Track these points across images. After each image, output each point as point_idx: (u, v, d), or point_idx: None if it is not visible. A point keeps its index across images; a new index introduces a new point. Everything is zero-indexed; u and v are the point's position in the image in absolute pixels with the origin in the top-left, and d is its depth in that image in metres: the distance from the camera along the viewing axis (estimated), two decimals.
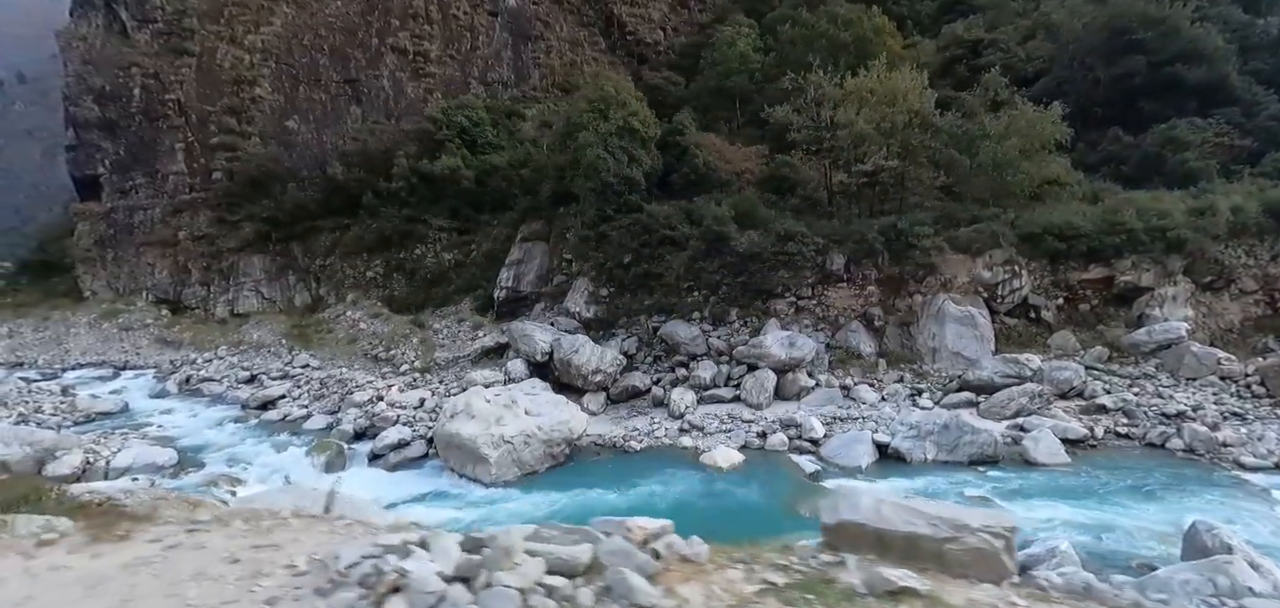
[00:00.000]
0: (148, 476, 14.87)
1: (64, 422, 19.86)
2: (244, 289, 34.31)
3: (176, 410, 21.46)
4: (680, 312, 21.20)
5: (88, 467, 14.68)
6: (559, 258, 26.88)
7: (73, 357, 29.64)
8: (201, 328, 31.88)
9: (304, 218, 36.22)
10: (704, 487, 13.01)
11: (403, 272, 33.06)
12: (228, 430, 18.88)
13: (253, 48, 40.12)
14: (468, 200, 33.55)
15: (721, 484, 12.92)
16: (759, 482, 12.89)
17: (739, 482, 13.04)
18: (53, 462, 14.80)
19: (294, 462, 15.98)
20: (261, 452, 16.50)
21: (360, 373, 22.66)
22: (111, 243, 36.02)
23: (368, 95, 42.39)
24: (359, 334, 28.42)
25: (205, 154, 37.58)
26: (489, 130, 37.25)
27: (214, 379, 25.47)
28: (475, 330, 24.37)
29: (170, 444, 16.40)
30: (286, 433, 18.20)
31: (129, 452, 15.39)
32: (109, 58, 38.32)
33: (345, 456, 16.36)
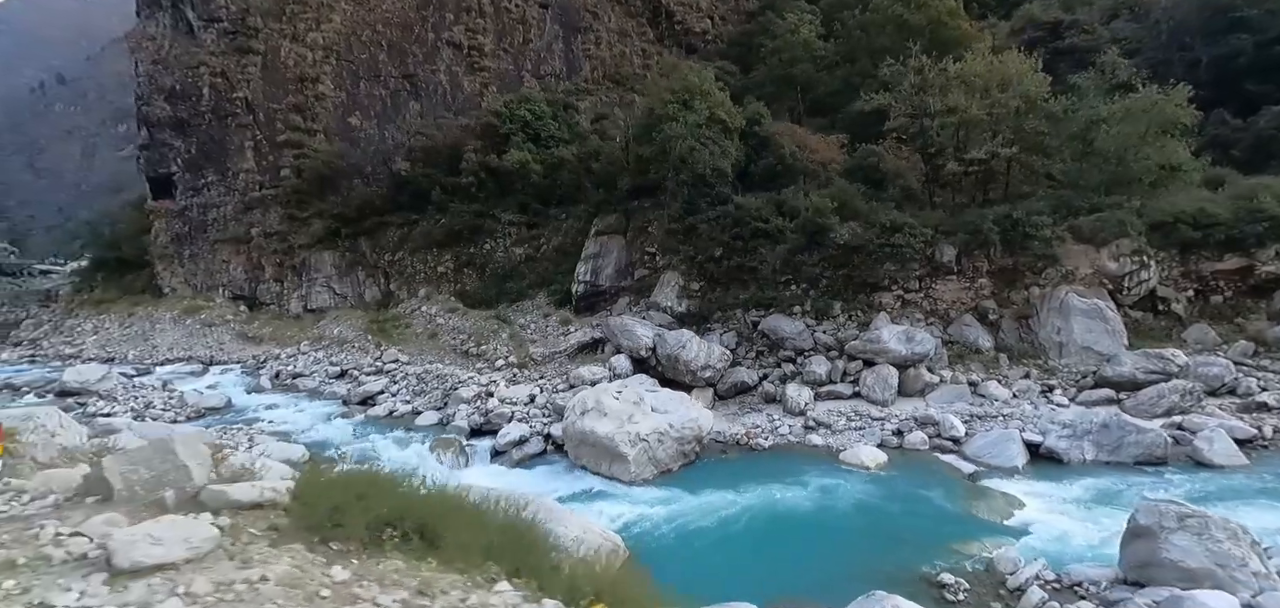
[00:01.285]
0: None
1: (177, 417, 20.31)
2: (316, 285, 34.80)
3: (280, 406, 21.80)
4: (779, 306, 20.92)
5: None
6: (640, 252, 26.75)
7: (161, 352, 30.35)
8: (280, 324, 32.43)
9: (371, 214, 36.60)
10: (854, 488, 12.77)
11: (473, 267, 33.23)
12: (339, 426, 19.11)
13: (314, 45, 40.49)
14: (536, 195, 33.55)
15: (872, 485, 12.67)
16: (915, 483, 12.61)
17: (892, 483, 12.78)
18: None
19: (419, 458, 16.03)
20: (386, 447, 16.62)
21: (454, 368, 22.80)
22: (187, 240, 36.80)
23: (426, 90, 42.60)
24: (439, 330, 28.63)
25: (273, 151, 38.10)
26: (551, 123, 37.20)
27: (304, 374, 25.90)
28: (563, 326, 24.35)
29: (297, 441, 16.57)
30: (400, 429, 18.37)
31: (260, 448, 15.59)
32: (178, 58, 38.98)
33: (467, 452, 16.47)
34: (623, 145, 29.39)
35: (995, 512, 10.92)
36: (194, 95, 38.17)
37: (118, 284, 38.55)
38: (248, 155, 37.95)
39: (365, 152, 39.03)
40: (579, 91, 46.22)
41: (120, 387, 24.13)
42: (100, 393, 23.01)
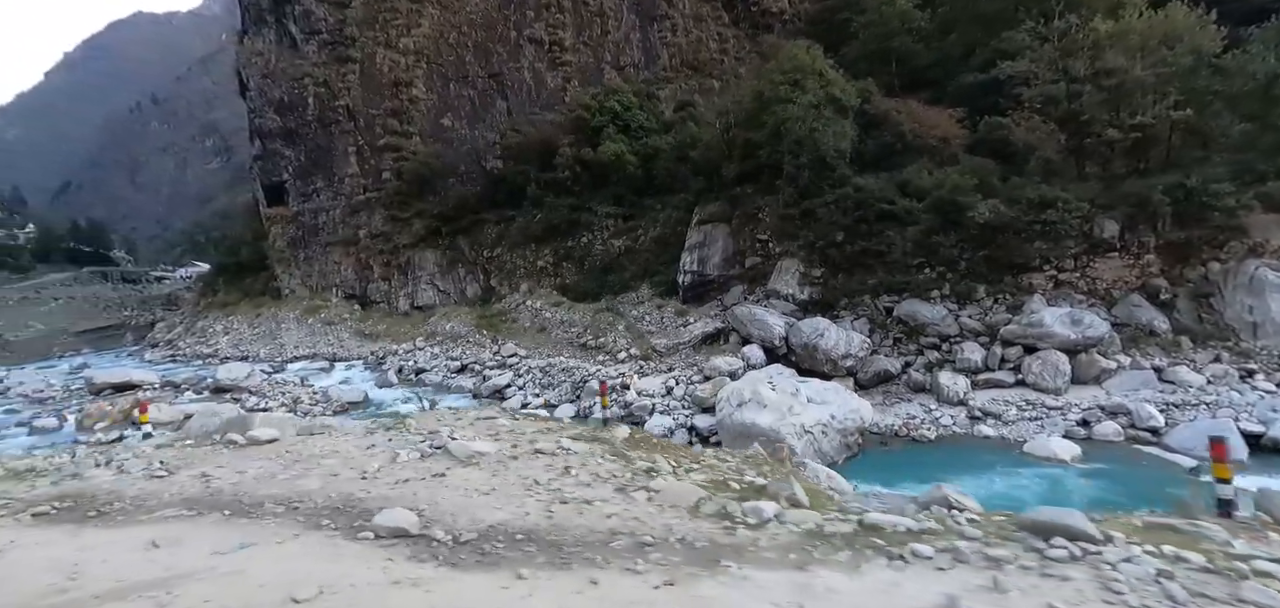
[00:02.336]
0: None
1: (324, 412, 21.34)
2: (421, 283, 36.05)
3: (413, 400, 22.63)
4: (914, 290, 20.05)
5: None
6: (749, 239, 26.25)
7: (288, 350, 32.17)
8: (392, 321, 33.78)
9: (468, 212, 37.64)
10: (1052, 483, 12.02)
11: (572, 260, 33.61)
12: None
13: (406, 50, 41.79)
14: (631, 186, 33.60)
15: (1082, 480, 11.87)
16: (1125, 479, 11.74)
17: (1097, 477, 11.94)
18: None
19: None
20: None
21: (576, 362, 23.06)
22: (301, 244, 38.86)
23: (511, 88, 43.26)
24: (547, 323, 29.08)
25: (375, 156, 39.64)
26: (639, 114, 37.13)
27: (427, 369, 26.88)
28: (680, 317, 24.22)
29: None
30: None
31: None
32: (284, 70, 41.03)
33: None
34: (724, 131, 28.87)
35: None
36: (300, 106, 40.10)
37: (238, 287, 41.13)
38: (351, 160, 39.61)
39: (458, 151, 40.06)
40: (659, 80, 45.90)
41: (264, 383, 25.75)
42: (249, 389, 24.59)
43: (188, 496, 5.68)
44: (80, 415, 21.13)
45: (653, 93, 42.44)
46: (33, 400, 26.20)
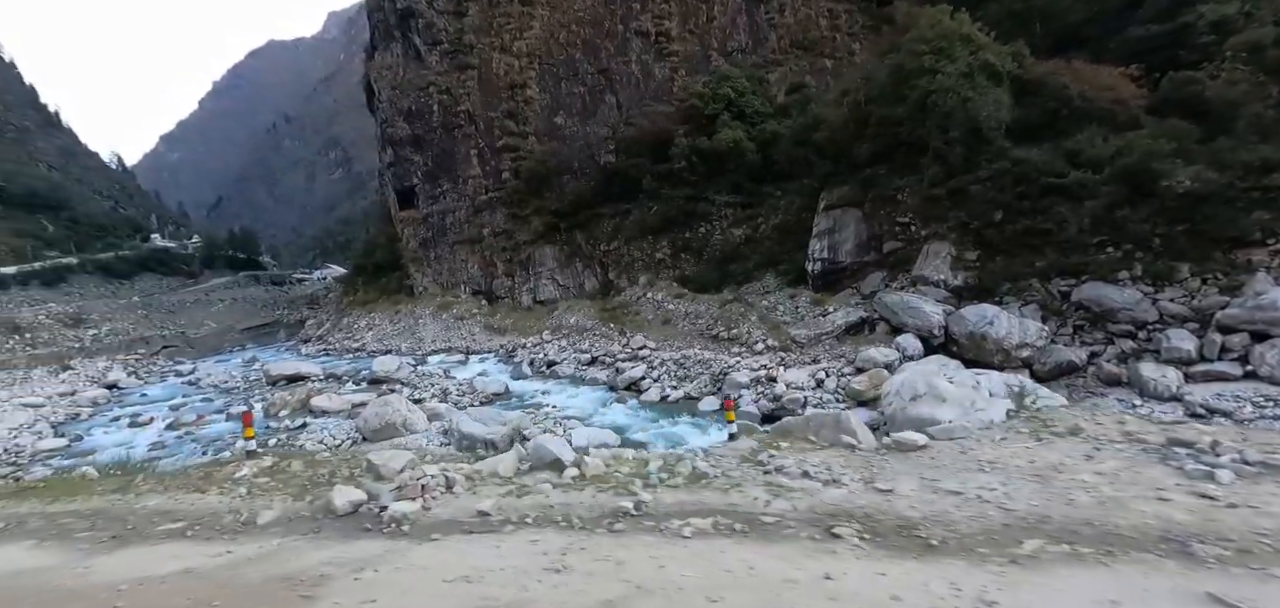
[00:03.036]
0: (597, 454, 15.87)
1: (474, 402, 22.42)
2: (541, 278, 37.17)
3: (552, 392, 23.23)
4: (1095, 271, 17.98)
5: None
6: (887, 223, 24.75)
7: (426, 344, 34.26)
8: (519, 315, 35.09)
9: (583, 207, 38.33)
10: None
11: (690, 251, 33.35)
12: (621, 411, 19.77)
13: (520, 53, 43.15)
14: (749, 173, 32.82)
15: None
16: None
17: None
18: (526, 442, 16.40)
19: (716, 442, 16.03)
20: (685, 433, 16.77)
21: (710, 353, 22.75)
22: (431, 244, 41.33)
23: (620, 82, 43.55)
24: (671, 315, 29.01)
25: (494, 157, 41.32)
26: (754, 99, 36.15)
27: (558, 362, 27.61)
28: (816, 306, 23.27)
29: (591, 423, 17.30)
30: (685, 415, 18.54)
31: (583, 433, 16.46)
32: (411, 81, 43.65)
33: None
34: (853, 110, 27.38)
35: None
36: (426, 113, 42.51)
37: (376, 285, 44.43)
38: (474, 162, 41.51)
39: (572, 148, 40.87)
40: (768, 64, 44.53)
41: (412, 375, 27.55)
42: (401, 380, 26.41)
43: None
44: (267, 404, 23.52)
45: (762, 77, 41.24)
46: (222, 389, 29.61)
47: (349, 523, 5.69)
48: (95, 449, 20.95)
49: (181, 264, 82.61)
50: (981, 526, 4.96)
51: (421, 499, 5.98)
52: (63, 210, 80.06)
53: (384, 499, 5.99)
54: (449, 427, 17.33)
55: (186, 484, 7.33)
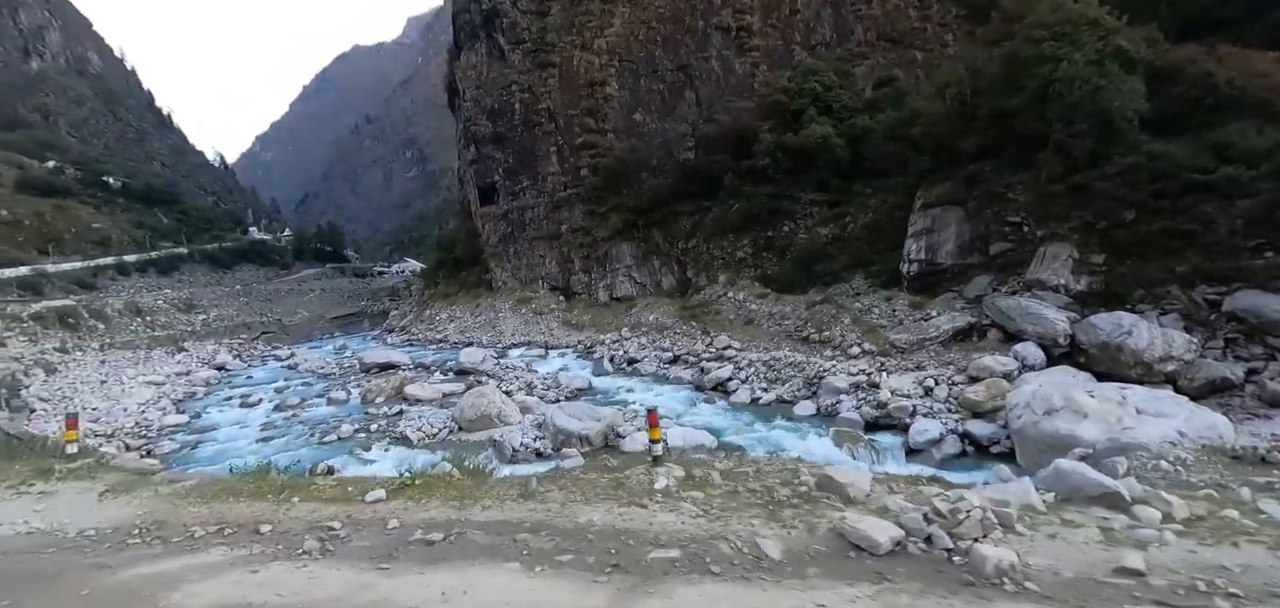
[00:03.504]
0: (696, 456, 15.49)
1: (558, 397, 22.52)
2: (619, 275, 37.18)
3: (635, 390, 23.03)
4: (1251, 278, 16.07)
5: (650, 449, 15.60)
6: (995, 222, 23.15)
7: (506, 338, 34.92)
8: (595, 312, 35.24)
9: (662, 204, 38.08)
10: None
11: (773, 250, 32.49)
12: (711, 412, 19.33)
13: (600, 51, 43.37)
14: (837, 170, 31.65)
15: None
16: None
17: None
18: (619, 439, 16.27)
19: (825, 452, 15.30)
20: (783, 437, 16.13)
21: (801, 355, 21.96)
22: (511, 239, 42.23)
23: (700, 78, 43.08)
24: (753, 315, 28.31)
25: (573, 154, 41.72)
26: (842, 93, 34.86)
27: (638, 359, 27.46)
28: (916, 309, 22.03)
29: (701, 427, 16.90)
30: (779, 418, 17.88)
31: (677, 432, 16.13)
32: (494, 80, 44.70)
33: (876, 448, 15.23)
34: (956, 102, 25.81)
35: None
36: (509, 112, 43.42)
37: (456, 279, 45.81)
38: (553, 160, 42.06)
39: (651, 145, 40.74)
40: (853, 57, 42.94)
41: (496, 367, 28.07)
42: (487, 372, 26.94)
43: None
44: (364, 391, 24.53)
45: (848, 71, 39.78)
46: (319, 374, 31.19)
47: (912, 567, 4.47)
48: (214, 426, 22.44)
49: (276, 256, 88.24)
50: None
51: (1003, 543, 4.72)
52: (175, 204, 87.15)
53: (939, 537, 4.74)
54: (543, 421, 17.41)
55: (601, 492, 6.30)
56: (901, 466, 14.76)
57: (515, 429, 17.56)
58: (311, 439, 19.26)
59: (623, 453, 15.76)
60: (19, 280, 45.95)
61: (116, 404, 24.91)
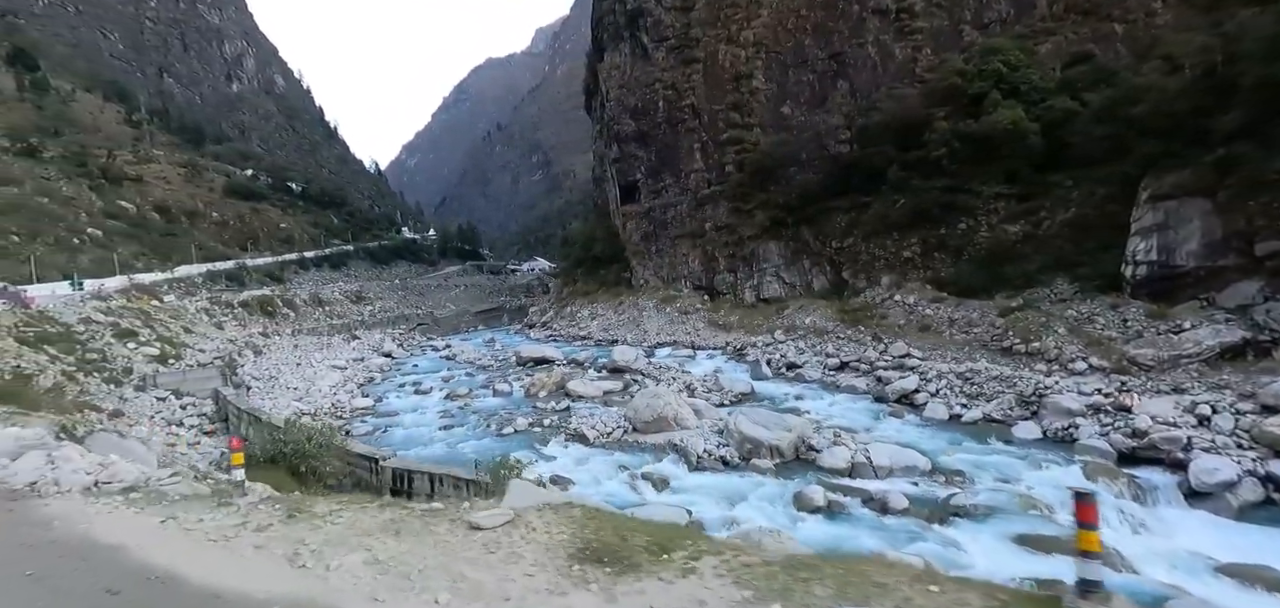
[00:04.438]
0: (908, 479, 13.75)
1: (722, 402, 21.46)
2: (766, 275, 35.55)
3: (806, 397, 21.44)
4: None
5: (855, 466, 14.08)
6: (1262, 215, 18.94)
7: (651, 337, 34.57)
8: (743, 313, 33.92)
9: (813, 201, 35.89)
10: None
11: (946, 250, 29.35)
12: (900, 427, 17.30)
13: (746, 43, 41.88)
14: (1028, 159, 27.90)
15: None
16: None
17: None
18: (814, 453, 14.90)
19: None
20: (1015, 468, 13.86)
21: (1004, 368, 19.26)
22: (652, 238, 42.05)
23: (853, 66, 40.22)
24: (930, 321, 25.61)
25: (717, 150, 40.65)
26: (1031, 73, 30.80)
27: (799, 364, 25.79)
28: (1157, 320, 18.56)
29: (905, 446, 15.07)
30: (991, 438, 15.54)
31: (883, 450, 14.43)
32: (638, 79, 44.73)
33: (1141, 488, 12.57)
34: (1202, 74, 21.57)
35: None
36: (652, 109, 43.22)
37: (595, 278, 46.44)
38: (696, 156, 41.26)
39: (799, 138, 38.64)
40: (1036, 34, 37.95)
41: (648, 366, 27.65)
42: (641, 371, 26.60)
43: None
44: (526, 385, 25.06)
45: (1030, 50, 35.16)
46: (478, 366, 32.62)
47: None
48: (396, 411, 23.89)
49: (424, 253, 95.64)
50: None
51: None
52: (343, 206, 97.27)
53: None
54: (725, 426, 16.43)
55: None
56: (1182, 510, 12.12)
57: (694, 434, 16.72)
58: (489, 430, 19.74)
59: (820, 468, 14.38)
60: (227, 273, 52.85)
61: (312, 385, 27.41)
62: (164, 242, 53.41)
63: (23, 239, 40.01)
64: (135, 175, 61.69)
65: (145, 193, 60.23)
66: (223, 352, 28.12)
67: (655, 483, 14.01)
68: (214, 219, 66.63)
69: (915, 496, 12.45)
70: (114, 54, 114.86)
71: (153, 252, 49.88)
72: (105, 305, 27.58)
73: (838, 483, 13.23)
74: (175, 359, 23.57)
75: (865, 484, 13.34)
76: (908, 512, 11.76)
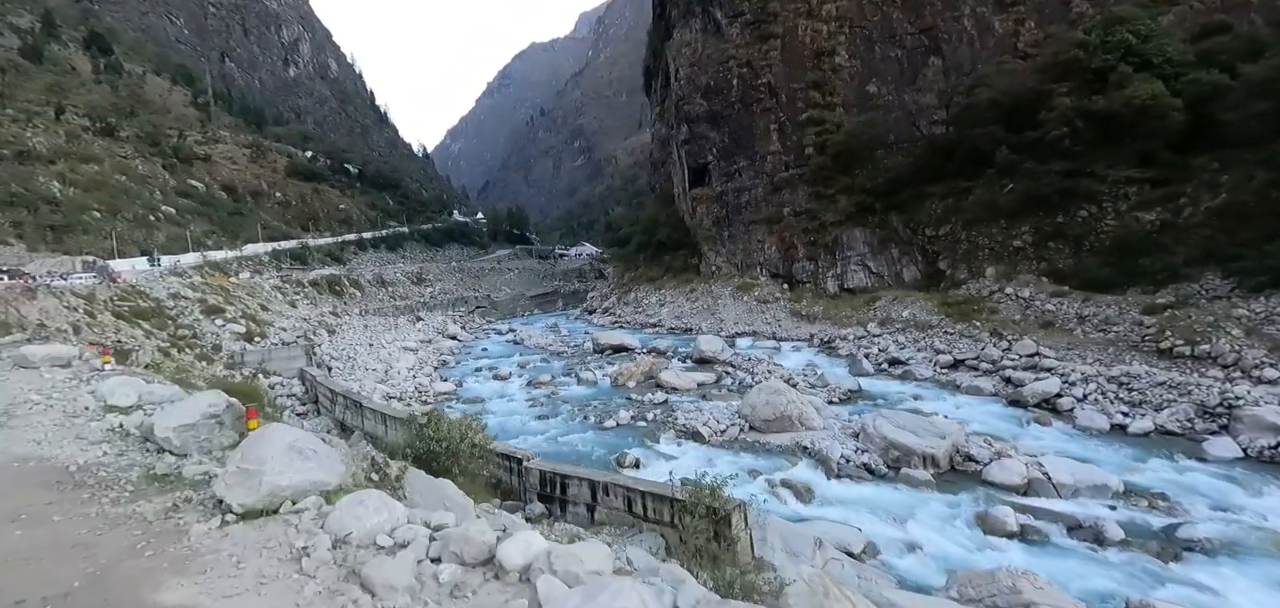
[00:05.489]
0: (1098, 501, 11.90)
1: (831, 399, 19.76)
2: (851, 264, 33.45)
3: (924, 398, 19.55)
4: None
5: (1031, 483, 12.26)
6: None
7: (727, 326, 32.96)
8: (826, 303, 31.98)
9: (903, 186, 33.56)
10: None
11: (1064, 239, 26.75)
12: (1055, 437, 15.31)
13: (828, 17, 39.47)
14: (1166, 139, 25.08)
15: None
16: None
17: None
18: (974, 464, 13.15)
19: None
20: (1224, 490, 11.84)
21: (1168, 372, 17.00)
22: (725, 222, 40.26)
23: (947, 41, 37.43)
24: (1052, 317, 23.29)
25: (796, 131, 38.51)
26: (1166, 43, 27.77)
27: (903, 360, 23.83)
28: None
29: (1079, 460, 13.16)
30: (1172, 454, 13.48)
31: (1060, 465, 12.58)
32: (710, 56, 42.79)
33: None
34: None
35: None
36: (725, 88, 41.28)
37: (659, 263, 44.95)
38: (773, 138, 39.22)
39: (887, 119, 36.21)
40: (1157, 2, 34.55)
41: (733, 357, 26.07)
42: (732, 363, 25.07)
43: None
44: (612, 374, 23.78)
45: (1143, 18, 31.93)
46: (550, 351, 31.58)
47: None
48: (480, 397, 22.96)
49: (475, 236, 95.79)
50: None
51: None
52: (397, 189, 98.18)
53: None
54: (862, 428, 14.79)
55: None
56: None
57: (825, 436, 15.11)
58: (586, 422, 18.52)
59: (987, 484, 12.63)
60: (291, 252, 53.36)
61: (391, 367, 26.80)
62: (231, 220, 54.26)
63: (104, 216, 40.81)
64: (204, 155, 62.95)
65: (213, 172, 61.41)
66: (303, 331, 27.77)
67: (798, 492, 12.50)
68: (277, 199, 67.67)
69: (1124, 523, 10.61)
70: (179, 39, 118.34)
71: (221, 229, 50.67)
72: (190, 281, 27.48)
73: (1018, 502, 11.49)
74: (260, 337, 23.13)
75: (1048, 504, 11.57)
76: (1127, 543, 9.96)
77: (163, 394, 6.71)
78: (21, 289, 15.62)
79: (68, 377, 7.76)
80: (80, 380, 7.51)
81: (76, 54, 73.68)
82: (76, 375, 7.87)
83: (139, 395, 6.48)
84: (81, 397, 6.60)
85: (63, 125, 49.57)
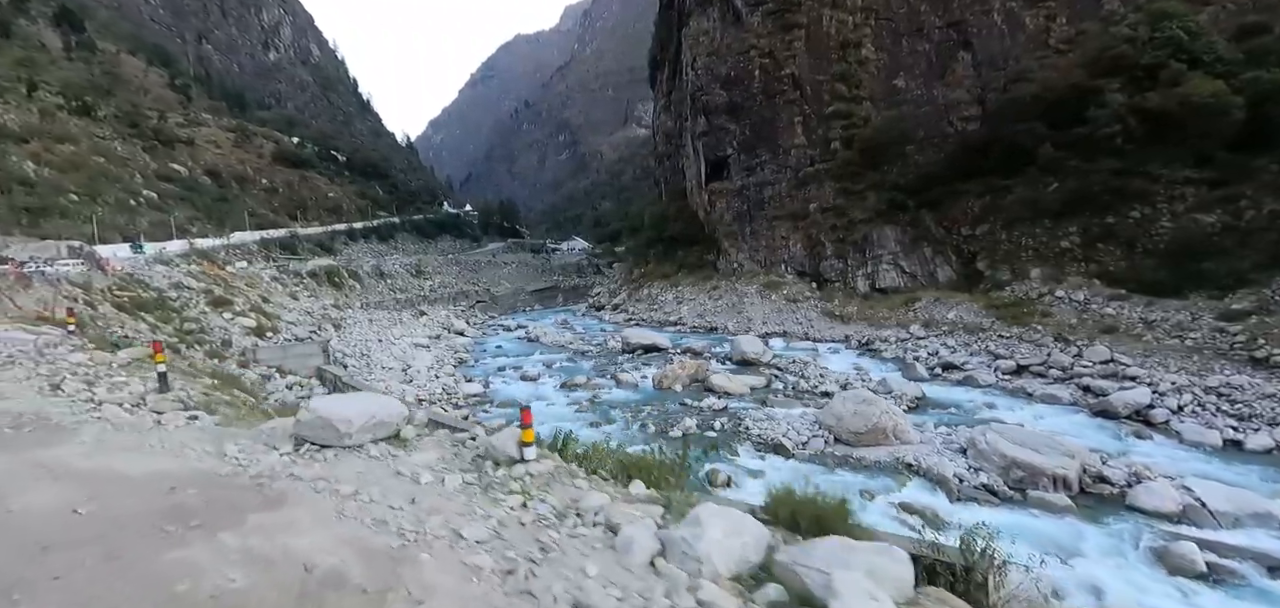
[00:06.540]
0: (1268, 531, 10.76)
1: (900, 403, 18.49)
2: (882, 262, 32.32)
3: (998, 406, 18.35)
4: None
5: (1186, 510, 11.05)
6: None
7: (756, 325, 31.59)
8: (860, 303, 30.81)
9: (936, 182, 32.58)
10: None
11: (1115, 240, 25.94)
12: (1165, 456, 14.21)
13: (854, 8, 38.32)
14: (1224, 139, 24.36)
15: None
16: None
17: None
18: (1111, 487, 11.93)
19: None
20: None
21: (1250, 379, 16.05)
22: (746, 218, 38.89)
23: (977, 35, 36.50)
24: (1113, 321, 22.37)
25: (821, 124, 37.30)
26: (1216, 43, 27.14)
27: (957, 364, 22.68)
28: None
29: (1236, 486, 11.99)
30: None
31: (1215, 491, 11.39)
32: (729, 46, 41.36)
33: None
34: None
35: None
36: (745, 79, 39.89)
37: (672, 259, 43.44)
38: (797, 131, 37.95)
39: (916, 113, 35.20)
40: None
41: (780, 360, 24.71)
42: (778, 366, 23.70)
43: None
44: (658, 377, 22.20)
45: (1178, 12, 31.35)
46: (572, 351, 29.91)
47: None
48: (513, 400, 21.25)
49: (466, 229, 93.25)
50: None
51: None
52: (386, 178, 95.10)
53: None
54: (974, 444, 13.51)
55: None
56: None
57: (927, 451, 13.81)
58: (647, 430, 17.03)
59: (1135, 509, 11.45)
60: (280, 242, 50.69)
61: (409, 365, 24.90)
62: (217, 206, 51.38)
63: (82, 199, 37.98)
64: (186, 139, 59.73)
65: (197, 156, 58.27)
66: (310, 325, 25.71)
67: (925, 518, 11.17)
68: (263, 185, 64.63)
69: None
70: (154, 18, 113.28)
71: (206, 216, 47.86)
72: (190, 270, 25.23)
73: (1184, 533, 10.29)
74: (271, 332, 21.12)
75: (1218, 536, 10.38)
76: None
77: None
78: (16, 277, 13.58)
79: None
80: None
81: (46, 30, 69.58)
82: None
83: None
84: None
85: (36, 103, 46.30)
